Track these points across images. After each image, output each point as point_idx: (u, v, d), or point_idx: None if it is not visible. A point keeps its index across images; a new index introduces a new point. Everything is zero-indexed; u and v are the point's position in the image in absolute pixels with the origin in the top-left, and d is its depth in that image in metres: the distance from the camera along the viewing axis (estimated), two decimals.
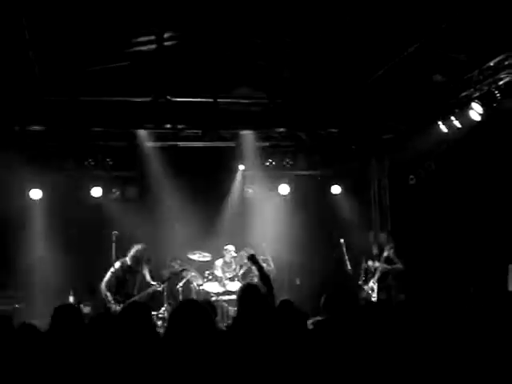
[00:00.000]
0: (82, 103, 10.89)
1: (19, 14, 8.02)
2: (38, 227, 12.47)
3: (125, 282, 10.52)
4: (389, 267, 11.17)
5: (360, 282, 11.30)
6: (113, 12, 8.94)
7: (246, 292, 6.04)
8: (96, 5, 8.64)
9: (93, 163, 12.52)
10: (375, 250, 11.41)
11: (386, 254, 11.12)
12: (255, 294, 5.91)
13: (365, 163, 13.72)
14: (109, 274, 10.44)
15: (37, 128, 11.31)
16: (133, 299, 9.92)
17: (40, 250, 12.26)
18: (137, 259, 10.59)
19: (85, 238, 12.31)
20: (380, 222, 13.71)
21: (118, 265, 10.56)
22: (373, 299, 10.95)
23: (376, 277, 11.08)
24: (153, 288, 10.73)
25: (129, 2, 8.85)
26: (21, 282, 11.81)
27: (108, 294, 10.28)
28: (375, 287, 11.01)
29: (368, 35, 9.05)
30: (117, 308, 9.96)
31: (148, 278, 10.88)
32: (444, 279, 11.04)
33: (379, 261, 11.20)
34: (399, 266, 11.17)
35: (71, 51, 9.80)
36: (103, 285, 10.35)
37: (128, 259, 10.60)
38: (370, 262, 11.29)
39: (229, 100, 11.19)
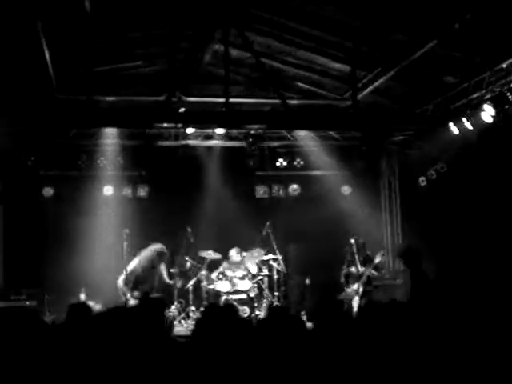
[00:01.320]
0: (95, 102, 10.96)
1: (34, 15, 8.10)
2: (49, 225, 12.56)
3: (142, 278, 10.72)
4: (376, 274, 11.25)
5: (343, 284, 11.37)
6: (127, 11, 9.02)
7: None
8: (110, 4, 8.72)
9: (105, 162, 12.60)
10: (360, 257, 11.41)
11: (377, 260, 11.13)
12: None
13: (375, 164, 13.71)
14: (127, 272, 10.64)
15: (50, 126, 11.38)
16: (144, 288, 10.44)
17: (51, 248, 12.31)
18: (154, 258, 10.82)
19: (96, 236, 12.35)
20: (390, 224, 13.72)
21: (135, 262, 10.74)
22: (354, 303, 11.02)
23: (362, 281, 11.11)
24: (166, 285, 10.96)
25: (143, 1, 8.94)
26: (32, 280, 11.87)
27: (125, 289, 10.52)
28: (360, 290, 11.03)
29: (380, 35, 9.08)
30: (134, 304, 10.23)
31: (165, 276, 11.01)
32: (454, 280, 11.02)
33: (364, 265, 11.22)
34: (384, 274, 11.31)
35: (85, 50, 9.86)
36: (120, 281, 10.58)
37: (146, 257, 10.80)
38: (353, 268, 11.29)
39: (241, 100, 11.22)
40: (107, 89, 10.80)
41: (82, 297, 11.49)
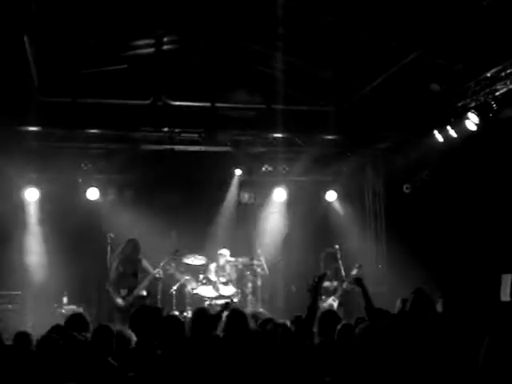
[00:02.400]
0: (80, 105, 10.92)
1: (18, 16, 8.05)
2: (33, 227, 12.46)
3: (125, 275, 10.74)
4: (352, 287, 11.16)
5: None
6: (111, 15, 8.99)
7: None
8: (95, 7, 8.69)
9: (89, 165, 12.54)
10: (330, 271, 11.34)
11: (354, 272, 11.08)
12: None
13: (360, 171, 13.75)
14: (111, 272, 10.75)
15: (34, 129, 11.30)
16: (135, 291, 10.51)
17: (35, 251, 12.22)
18: (130, 249, 10.83)
19: (80, 240, 12.28)
20: (374, 230, 13.74)
21: (116, 261, 10.81)
22: None
23: (337, 294, 11.08)
24: (152, 275, 10.86)
25: (128, 5, 8.90)
26: (15, 283, 11.77)
27: (112, 290, 10.59)
28: (335, 305, 10.99)
29: (366, 43, 9.11)
30: (122, 302, 10.43)
31: (148, 266, 10.99)
32: (437, 287, 11.05)
33: (337, 279, 11.19)
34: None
35: (69, 53, 9.83)
36: (109, 283, 10.69)
37: (122, 252, 10.86)
38: (327, 283, 11.21)
39: (227, 104, 11.22)
40: (92, 92, 10.76)
41: (65, 300, 11.42)
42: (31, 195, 12.34)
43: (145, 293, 10.75)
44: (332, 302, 11.05)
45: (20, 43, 8.60)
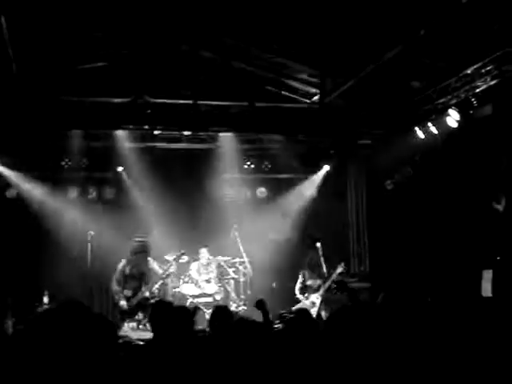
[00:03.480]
0: (61, 103, 10.84)
1: None
2: (12, 226, 12.36)
3: (131, 276, 10.73)
4: (335, 286, 11.20)
5: (300, 297, 11.35)
6: (90, 13, 8.94)
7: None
8: (74, 5, 8.63)
9: (70, 163, 12.46)
10: (314, 269, 11.44)
11: (339, 270, 11.14)
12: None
13: (342, 167, 13.77)
14: (116, 272, 10.70)
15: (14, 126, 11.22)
16: (140, 293, 10.52)
17: (14, 249, 12.11)
18: (137, 251, 10.79)
19: (60, 238, 12.19)
20: (356, 226, 13.78)
21: (123, 261, 10.77)
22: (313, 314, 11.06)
23: (321, 292, 11.13)
24: (160, 277, 10.93)
25: (107, 4, 8.86)
26: None
27: (116, 290, 10.60)
28: (318, 302, 11.05)
29: (347, 40, 9.12)
30: (124, 304, 10.40)
31: (156, 268, 10.99)
32: (419, 284, 11.11)
33: (320, 278, 11.26)
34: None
35: (50, 51, 9.76)
36: (113, 283, 10.65)
37: (130, 252, 10.81)
38: (310, 281, 11.29)
39: (208, 102, 11.19)
40: (73, 89, 10.69)
41: (45, 300, 11.33)
42: (11, 193, 12.24)
43: (148, 294, 10.75)
44: (315, 299, 11.09)
45: (0, 41, 8.53)
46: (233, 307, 11.72)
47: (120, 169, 12.64)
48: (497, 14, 7.62)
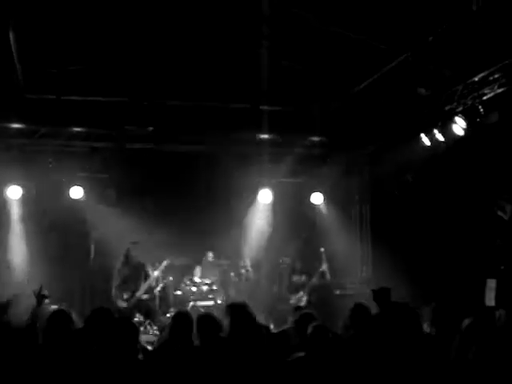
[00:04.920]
0: (64, 102, 10.82)
1: (3, 12, 7.96)
2: (15, 225, 12.33)
3: (129, 279, 11.05)
4: (317, 283, 11.32)
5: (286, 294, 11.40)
6: (97, 12, 8.91)
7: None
8: (78, 6, 8.61)
9: (73, 163, 12.42)
10: (299, 265, 11.48)
11: (323, 268, 11.18)
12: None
13: (346, 173, 13.72)
14: (115, 276, 11.05)
15: (18, 126, 11.18)
16: (137, 294, 10.88)
17: (16, 249, 12.08)
18: (132, 254, 11.13)
19: (63, 239, 12.16)
20: (360, 232, 13.73)
21: (119, 264, 11.11)
22: None
23: (307, 290, 11.16)
24: (151, 279, 11.18)
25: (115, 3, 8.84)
26: None
27: (115, 294, 10.94)
28: (304, 299, 11.08)
29: (354, 46, 9.08)
30: (123, 305, 10.77)
31: (149, 271, 11.23)
32: (422, 290, 11.06)
33: (306, 274, 11.29)
34: (328, 281, 11.35)
35: (54, 50, 9.73)
36: (113, 289, 11.00)
37: (125, 256, 11.15)
38: (295, 277, 11.34)
39: (209, 103, 11.16)
40: (76, 89, 10.65)
41: (46, 300, 11.25)
42: (14, 193, 12.19)
43: (146, 296, 11.04)
44: (301, 296, 11.12)
45: (5, 40, 8.51)
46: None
47: (122, 170, 12.61)
48: (506, 22, 7.56)
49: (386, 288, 6.77)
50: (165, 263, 11.33)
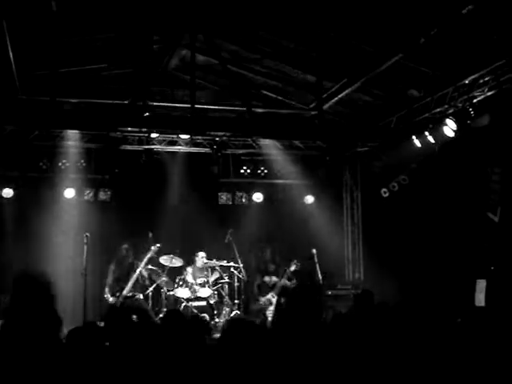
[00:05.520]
0: (58, 104, 10.82)
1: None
2: (8, 226, 12.33)
3: (120, 278, 11.28)
4: (288, 283, 11.39)
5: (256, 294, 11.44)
6: (93, 12, 8.94)
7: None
8: (76, 5, 8.64)
9: (67, 164, 12.45)
10: (272, 266, 11.57)
11: (292, 268, 11.28)
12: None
13: (338, 175, 13.81)
14: (108, 276, 11.37)
15: (11, 128, 11.21)
16: (126, 289, 11.10)
17: (10, 249, 12.08)
18: (123, 254, 11.37)
19: (56, 239, 12.17)
20: (351, 234, 13.81)
21: (112, 266, 11.39)
22: (268, 312, 11.27)
23: (276, 291, 11.23)
24: (136, 275, 11.27)
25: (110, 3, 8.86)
26: None
27: (108, 293, 11.23)
28: (273, 301, 11.14)
29: (346, 47, 9.15)
30: (112, 300, 11.10)
31: (143, 272, 11.42)
32: (413, 291, 11.14)
33: (277, 276, 11.37)
34: (294, 283, 11.44)
35: (49, 51, 9.74)
36: (106, 287, 11.30)
37: (116, 256, 11.44)
38: (266, 278, 11.42)
39: (206, 106, 11.20)
40: (71, 91, 10.67)
41: None
42: (7, 193, 12.21)
43: (141, 296, 11.32)
44: (270, 297, 11.17)
45: (1, 40, 8.52)
46: (226, 312, 11.77)
47: (116, 171, 12.64)
48: (496, 24, 7.66)
49: (368, 291, 6.87)
50: (149, 255, 11.38)
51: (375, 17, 8.06)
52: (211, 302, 11.78)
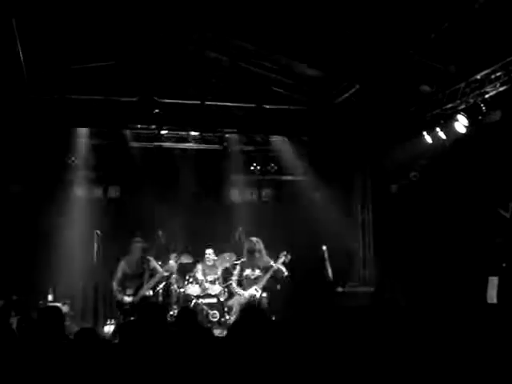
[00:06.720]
0: (68, 101, 10.85)
1: (9, 13, 7.99)
2: (17, 224, 12.34)
3: (132, 275, 10.99)
4: (276, 275, 11.20)
5: (237, 290, 11.28)
6: (103, 10, 8.94)
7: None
8: (84, 4, 8.64)
9: (77, 161, 12.46)
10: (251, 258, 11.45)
11: (281, 260, 11.12)
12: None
13: (348, 171, 13.74)
14: (117, 272, 10.97)
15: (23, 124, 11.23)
16: (141, 291, 10.82)
17: (19, 247, 12.09)
18: (136, 250, 11.02)
19: (66, 236, 12.18)
20: (362, 231, 13.74)
21: (123, 262, 11.02)
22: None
23: (261, 284, 11.05)
24: (160, 274, 11.14)
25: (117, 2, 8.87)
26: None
27: (117, 289, 10.88)
28: (258, 294, 10.98)
29: (357, 44, 9.10)
30: (127, 299, 10.74)
31: (156, 266, 11.19)
32: (424, 288, 11.08)
33: (259, 269, 11.18)
34: (284, 274, 11.20)
35: (58, 49, 9.76)
36: (113, 283, 10.92)
37: (128, 253, 11.07)
38: (248, 270, 11.21)
39: (216, 103, 11.19)
40: (80, 88, 10.69)
41: (50, 297, 11.33)
42: (16, 190, 12.24)
43: (151, 292, 11.07)
44: (254, 291, 11.03)
45: (10, 38, 8.54)
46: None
47: (125, 168, 12.65)
48: (508, 20, 7.58)
49: (381, 286, 6.85)
50: (172, 262, 11.38)
51: (387, 11, 8.01)
52: (221, 299, 11.75)
